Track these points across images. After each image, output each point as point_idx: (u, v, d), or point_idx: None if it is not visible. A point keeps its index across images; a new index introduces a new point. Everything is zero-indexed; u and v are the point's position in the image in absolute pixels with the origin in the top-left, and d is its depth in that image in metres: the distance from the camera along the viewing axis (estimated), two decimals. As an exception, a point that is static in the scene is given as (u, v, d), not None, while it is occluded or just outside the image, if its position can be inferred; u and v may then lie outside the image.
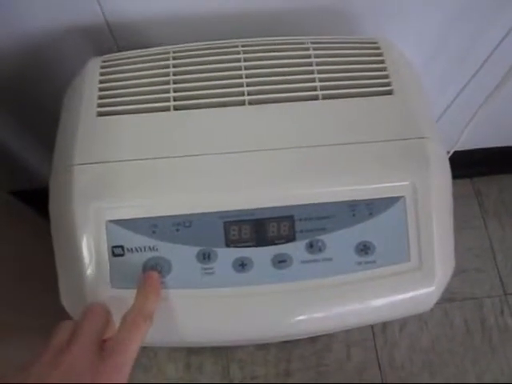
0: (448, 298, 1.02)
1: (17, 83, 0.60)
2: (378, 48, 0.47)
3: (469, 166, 1.05)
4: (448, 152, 0.75)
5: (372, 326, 0.99)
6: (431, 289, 0.42)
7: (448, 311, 1.02)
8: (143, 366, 0.96)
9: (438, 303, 1.02)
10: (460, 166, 0.75)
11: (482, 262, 1.05)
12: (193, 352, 0.96)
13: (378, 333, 0.99)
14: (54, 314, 0.67)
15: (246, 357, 0.96)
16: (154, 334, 0.41)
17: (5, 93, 0.61)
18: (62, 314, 0.42)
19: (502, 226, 1.09)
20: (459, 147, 0.78)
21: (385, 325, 1.00)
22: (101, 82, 0.45)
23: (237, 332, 0.41)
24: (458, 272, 1.04)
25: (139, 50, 0.47)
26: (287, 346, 0.97)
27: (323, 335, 0.97)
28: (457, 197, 0.42)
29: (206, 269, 0.40)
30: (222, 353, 0.96)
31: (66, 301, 0.42)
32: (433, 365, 0.98)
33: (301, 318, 0.40)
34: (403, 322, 1.00)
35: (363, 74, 0.45)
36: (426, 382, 0.97)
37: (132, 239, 0.40)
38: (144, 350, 0.96)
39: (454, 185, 0.44)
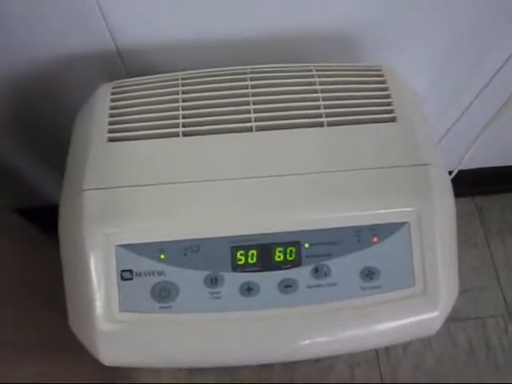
0: (451, 317, 1.01)
1: (28, 109, 0.61)
2: (381, 76, 0.48)
3: (472, 184, 1.05)
4: (451, 172, 0.76)
5: (375, 346, 0.99)
6: (435, 314, 0.42)
7: (452, 331, 1.01)
8: (146, 384, 0.96)
9: (442, 323, 1.00)
10: (463, 185, 0.76)
11: (485, 280, 1.05)
12: (196, 372, 0.96)
13: (381, 352, 0.99)
14: (51, 329, 0.67)
15: (249, 376, 0.96)
16: (161, 356, 0.42)
17: (16, 117, 0.62)
18: (60, 330, 0.42)
19: (505, 245, 1.09)
20: (462, 166, 0.79)
21: (388, 344, 1.00)
22: (111, 108, 0.46)
23: (243, 355, 0.42)
24: (461, 291, 1.02)
25: (149, 76, 0.49)
26: (290, 365, 0.96)
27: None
28: (459, 215, 0.42)
29: (213, 293, 0.41)
30: (225, 372, 0.96)
31: (74, 324, 0.42)
32: (436, 384, 0.98)
33: (306, 342, 0.41)
34: (407, 342, 1.00)
35: (367, 101, 0.46)
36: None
37: (140, 263, 0.41)
38: (147, 369, 0.96)
39: (456, 203, 0.44)
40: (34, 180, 0.83)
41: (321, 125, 0.45)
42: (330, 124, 0.45)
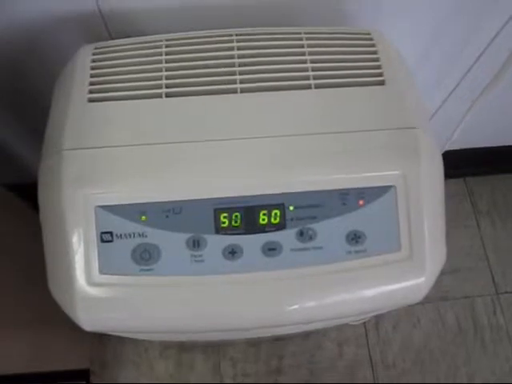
0: (440, 296, 1.02)
1: (8, 72, 0.59)
2: (371, 39, 0.47)
3: (462, 165, 1.05)
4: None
5: (365, 324, 0.99)
6: (421, 279, 0.42)
7: (440, 310, 1.02)
8: (134, 363, 0.95)
9: (431, 301, 1.02)
10: (454, 166, 0.75)
11: (475, 261, 1.06)
12: (184, 349, 0.95)
13: (370, 330, 0.99)
14: (44, 306, 0.66)
15: (237, 354, 0.96)
16: (143, 321, 0.41)
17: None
18: (53, 306, 0.41)
19: (494, 226, 1.09)
20: (453, 147, 0.78)
21: (377, 322, 1.00)
22: (92, 68, 0.45)
23: (226, 319, 0.41)
24: (451, 271, 1.04)
25: (132, 38, 0.47)
26: (279, 344, 0.96)
27: (315, 333, 0.97)
28: (450, 196, 0.42)
29: (195, 256, 0.40)
30: (214, 350, 0.96)
31: (54, 288, 0.42)
32: (424, 363, 0.98)
33: (290, 305, 0.40)
34: (396, 320, 1.00)
35: (356, 64, 0.45)
36: (418, 382, 0.97)
37: (121, 225, 0.40)
38: (135, 346, 0.95)
39: (447, 184, 0.44)
40: (23, 155, 0.81)
41: (308, 87, 0.44)
42: (317, 86, 0.44)
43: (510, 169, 1.12)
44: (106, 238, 0.39)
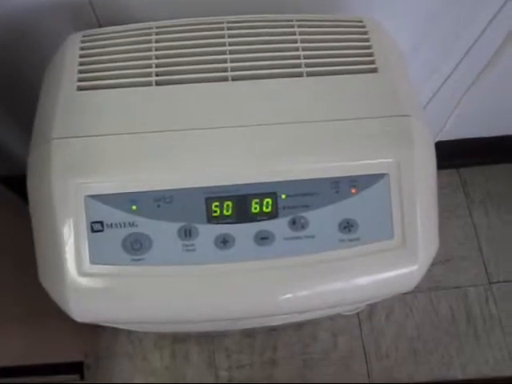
0: (433, 286, 1.03)
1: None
2: (363, 26, 0.47)
3: (455, 156, 1.05)
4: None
5: (358, 314, 0.99)
6: (414, 267, 0.42)
7: (433, 300, 1.02)
8: (128, 355, 0.95)
9: (424, 291, 1.02)
10: (447, 156, 0.75)
11: (467, 250, 1.06)
12: (178, 340, 0.95)
13: (363, 321, 1.00)
14: (37, 299, 0.66)
15: (231, 345, 0.96)
16: (135, 311, 0.41)
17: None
18: (46, 299, 0.41)
19: (488, 216, 1.09)
20: (446, 137, 0.78)
21: (371, 312, 1.00)
22: (81, 56, 0.44)
23: (218, 310, 0.41)
24: (444, 260, 1.04)
25: (121, 26, 0.46)
26: (273, 334, 0.96)
27: (309, 323, 0.97)
28: (443, 187, 0.42)
29: (186, 245, 0.39)
30: (208, 341, 0.96)
31: (44, 278, 0.41)
32: (418, 353, 0.99)
33: (283, 295, 0.40)
34: (389, 310, 1.01)
35: (348, 51, 0.45)
36: (411, 372, 0.97)
37: (111, 215, 0.39)
38: (129, 337, 0.95)
39: (440, 175, 0.44)
40: (11, 146, 0.80)
41: (300, 75, 0.43)
42: (309, 74, 0.43)
43: (502, 159, 1.12)
44: (96, 227, 0.39)
